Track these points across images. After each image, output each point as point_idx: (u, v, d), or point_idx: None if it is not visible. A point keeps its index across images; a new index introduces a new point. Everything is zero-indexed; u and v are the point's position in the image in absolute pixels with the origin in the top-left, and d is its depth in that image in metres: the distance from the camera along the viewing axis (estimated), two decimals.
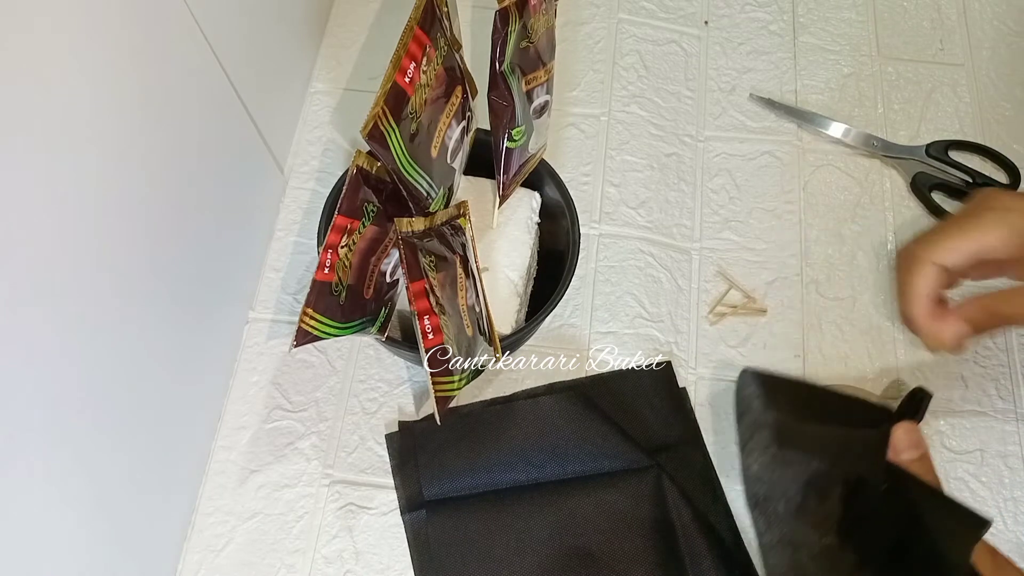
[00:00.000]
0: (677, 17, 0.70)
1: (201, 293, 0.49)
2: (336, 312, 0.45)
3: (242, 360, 0.56)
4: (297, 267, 0.59)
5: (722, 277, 0.59)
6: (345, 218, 0.43)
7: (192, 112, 0.45)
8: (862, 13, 0.70)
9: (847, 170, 0.63)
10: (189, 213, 0.46)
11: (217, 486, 0.52)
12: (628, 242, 0.60)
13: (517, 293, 0.52)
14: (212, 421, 0.53)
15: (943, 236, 0.46)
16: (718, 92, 0.66)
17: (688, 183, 0.63)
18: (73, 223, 0.35)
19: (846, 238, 0.61)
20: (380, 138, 0.40)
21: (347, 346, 0.56)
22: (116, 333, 0.40)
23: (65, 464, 0.37)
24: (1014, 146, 0.64)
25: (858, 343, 0.57)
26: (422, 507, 0.51)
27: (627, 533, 0.49)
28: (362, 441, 0.53)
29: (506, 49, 0.44)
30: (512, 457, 0.51)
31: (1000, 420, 0.55)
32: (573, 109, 0.65)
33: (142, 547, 0.46)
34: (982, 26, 0.70)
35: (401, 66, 0.40)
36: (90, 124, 0.36)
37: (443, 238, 0.43)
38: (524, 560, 0.49)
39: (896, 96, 0.66)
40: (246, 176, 0.55)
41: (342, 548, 0.51)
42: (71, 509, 0.38)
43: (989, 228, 0.44)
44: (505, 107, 0.46)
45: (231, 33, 0.48)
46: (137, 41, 0.38)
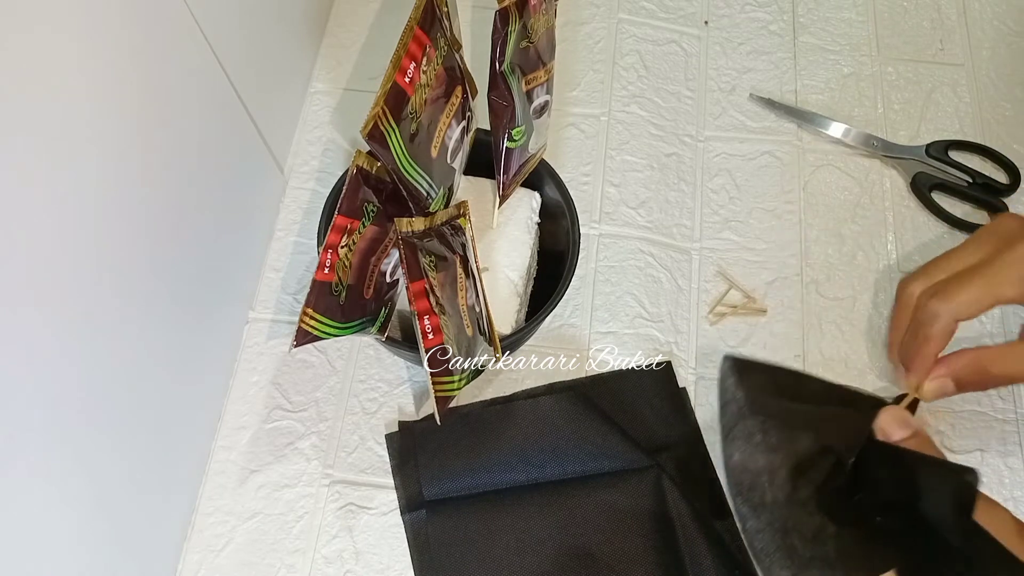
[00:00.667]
0: (677, 17, 0.70)
1: (201, 293, 0.49)
2: (336, 312, 0.45)
3: (242, 360, 0.56)
4: (297, 267, 0.59)
5: (722, 277, 0.59)
6: (345, 218, 0.43)
7: (192, 112, 0.45)
8: (862, 13, 0.70)
9: (847, 170, 0.63)
10: (189, 213, 0.46)
11: (217, 486, 0.52)
12: (628, 242, 0.60)
13: (517, 293, 0.52)
14: (212, 421, 0.53)
15: (962, 289, 0.45)
16: (718, 92, 0.66)
17: (688, 183, 0.63)
18: (73, 223, 0.35)
19: (846, 238, 0.61)
20: (380, 138, 0.40)
21: (347, 346, 0.56)
22: (116, 333, 0.40)
23: (65, 464, 0.37)
24: (1014, 146, 0.64)
25: (858, 343, 0.57)
26: (422, 507, 0.51)
27: (627, 533, 0.49)
28: (362, 441, 0.53)
29: (506, 49, 0.44)
30: (512, 457, 0.51)
31: (1000, 420, 0.55)
32: (573, 109, 0.65)
33: (142, 547, 0.46)
34: (982, 26, 0.70)
35: (401, 66, 0.40)
36: (90, 124, 0.36)
37: (443, 238, 0.43)
38: (524, 560, 0.49)
39: (896, 96, 0.66)
40: (246, 176, 0.55)
41: (342, 548, 0.51)
42: (71, 509, 0.38)
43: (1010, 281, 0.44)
44: (505, 107, 0.46)
45: (231, 33, 0.48)
46: (137, 41, 0.38)
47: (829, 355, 0.57)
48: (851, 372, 0.56)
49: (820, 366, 0.56)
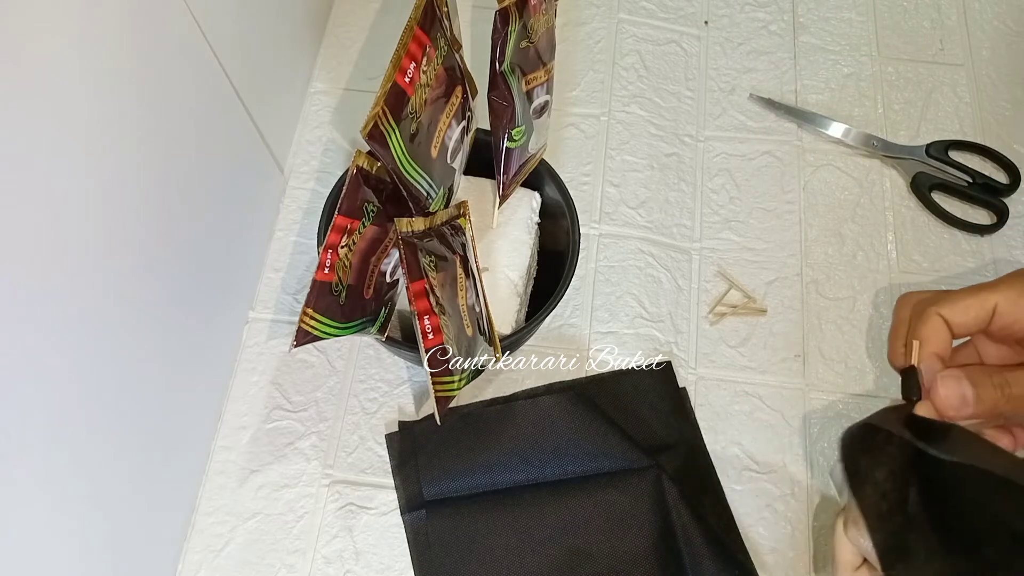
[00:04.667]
0: (677, 17, 0.70)
1: (201, 293, 0.49)
2: (336, 312, 0.45)
3: (242, 360, 0.56)
4: (297, 267, 0.59)
5: (722, 277, 0.59)
6: (345, 218, 0.43)
7: (192, 112, 0.45)
8: (862, 13, 0.70)
9: (847, 170, 0.63)
10: (189, 213, 0.46)
11: (217, 486, 0.52)
12: (628, 242, 0.60)
13: (517, 293, 0.52)
14: (212, 421, 0.53)
15: (955, 293, 0.43)
16: (718, 92, 0.66)
17: (688, 183, 0.63)
18: (72, 224, 0.35)
19: (846, 238, 0.61)
20: (380, 138, 0.40)
21: (347, 346, 0.56)
22: (115, 333, 0.40)
23: (65, 464, 0.37)
24: (1014, 146, 0.64)
25: (858, 343, 0.57)
26: (422, 507, 0.51)
27: (627, 533, 0.49)
28: (362, 441, 0.53)
29: (506, 49, 0.44)
30: (512, 457, 0.51)
31: None
32: (573, 109, 0.65)
33: (142, 547, 0.46)
34: (982, 26, 0.69)
35: (401, 66, 0.40)
36: (89, 124, 0.36)
37: (443, 238, 0.43)
38: (524, 560, 0.49)
39: (896, 96, 0.66)
40: (246, 176, 0.55)
41: (342, 548, 0.51)
42: (71, 509, 0.38)
43: (1003, 287, 0.42)
44: (505, 107, 0.46)
45: (231, 33, 0.48)
46: (137, 41, 0.38)
47: (829, 355, 0.57)
48: (851, 372, 0.56)
49: (820, 366, 0.56)
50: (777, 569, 0.50)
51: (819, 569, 0.51)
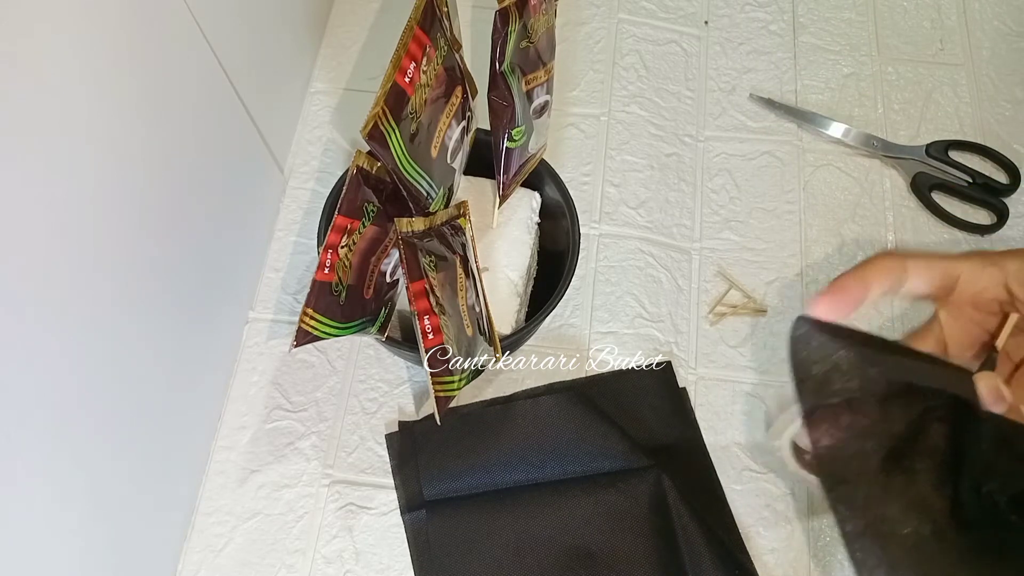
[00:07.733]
0: (677, 17, 0.70)
1: (201, 293, 0.49)
2: (336, 312, 0.45)
3: (242, 360, 0.56)
4: (297, 267, 0.59)
5: (722, 277, 0.59)
6: (345, 218, 0.43)
7: (192, 112, 0.45)
8: (862, 13, 0.70)
9: (847, 170, 0.63)
10: (189, 213, 0.46)
11: (217, 486, 0.52)
12: (628, 242, 0.60)
13: (517, 293, 0.52)
14: (212, 421, 0.53)
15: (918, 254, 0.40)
16: (718, 92, 0.66)
17: (688, 183, 0.63)
18: (72, 224, 0.35)
19: (846, 238, 0.61)
20: (380, 138, 0.40)
21: (347, 346, 0.56)
22: (116, 333, 0.40)
23: (65, 464, 0.37)
24: (1014, 146, 0.64)
25: None
26: (422, 507, 0.51)
27: (627, 533, 0.49)
28: (362, 441, 0.53)
29: (506, 49, 0.44)
30: (512, 457, 0.51)
31: None
32: (573, 109, 0.65)
33: (142, 547, 0.46)
34: (982, 26, 0.70)
35: (401, 66, 0.40)
36: (89, 124, 0.36)
37: (443, 238, 0.43)
38: (524, 560, 0.49)
39: (896, 96, 0.66)
40: (246, 176, 0.55)
41: (342, 548, 0.51)
42: (71, 509, 0.38)
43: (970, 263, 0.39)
44: (505, 107, 0.46)
45: (231, 33, 0.48)
46: (137, 41, 0.38)
47: None
48: None
49: None
50: (777, 569, 0.50)
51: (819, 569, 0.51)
